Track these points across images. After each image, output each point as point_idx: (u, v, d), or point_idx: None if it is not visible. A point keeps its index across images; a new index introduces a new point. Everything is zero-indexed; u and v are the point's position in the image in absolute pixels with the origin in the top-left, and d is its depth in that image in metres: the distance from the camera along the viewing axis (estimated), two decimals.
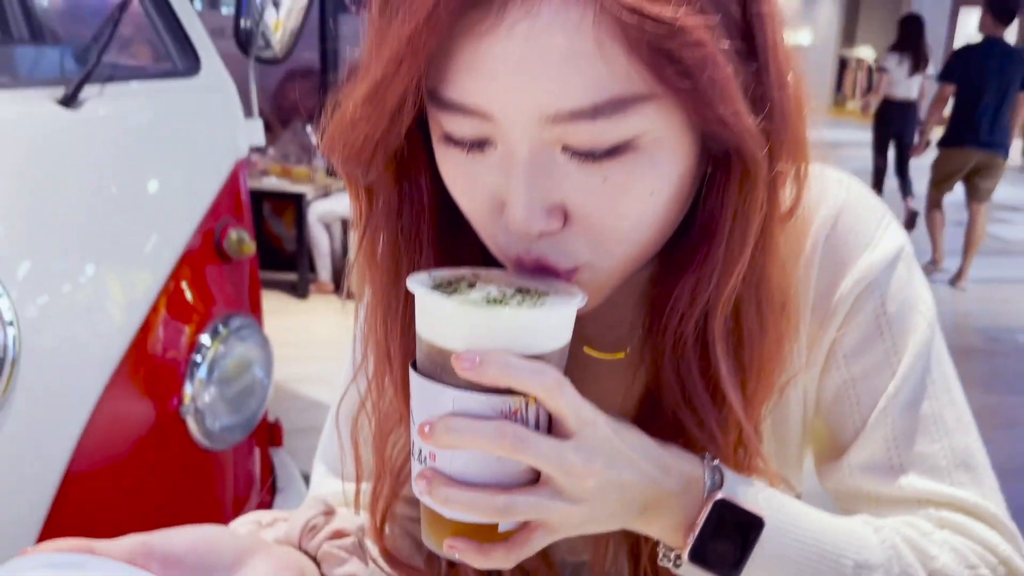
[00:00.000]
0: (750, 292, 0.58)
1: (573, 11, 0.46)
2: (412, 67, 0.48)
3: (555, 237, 0.53)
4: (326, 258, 5.30)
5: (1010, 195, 9.77)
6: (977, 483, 0.64)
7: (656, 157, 0.51)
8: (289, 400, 3.58)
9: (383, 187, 0.59)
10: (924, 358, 0.65)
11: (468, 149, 0.53)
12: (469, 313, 0.50)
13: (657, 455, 0.55)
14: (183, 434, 1.71)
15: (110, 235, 1.67)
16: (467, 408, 0.49)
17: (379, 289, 0.63)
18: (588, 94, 0.47)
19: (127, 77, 1.81)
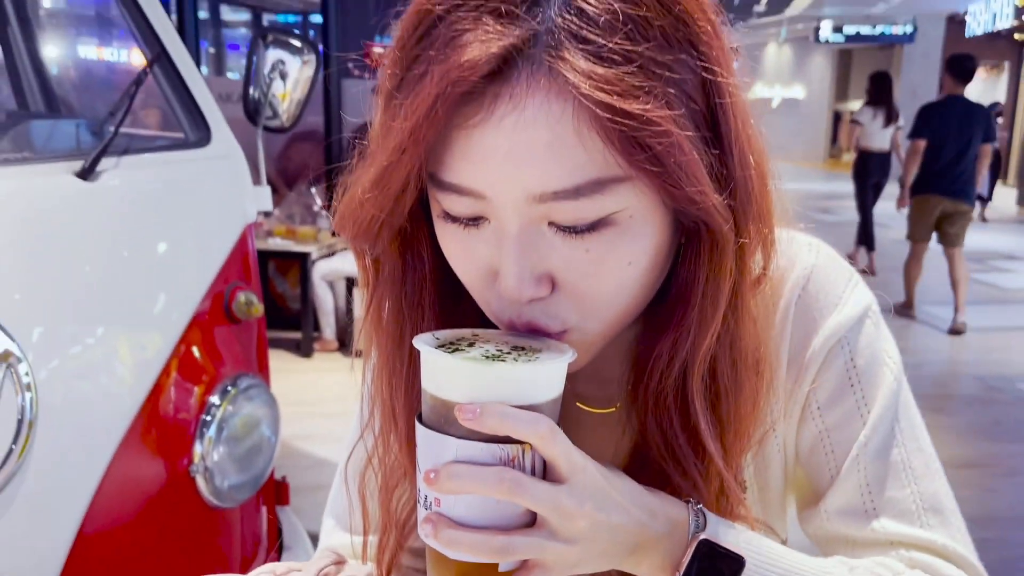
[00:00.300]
0: (724, 351, 0.63)
1: (555, 105, 0.52)
2: (413, 155, 0.55)
3: (544, 302, 0.58)
4: (330, 316, 5.35)
5: (1007, 244, 9.86)
6: (945, 525, 0.68)
7: (632, 231, 0.56)
8: (294, 458, 3.60)
9: (388, 259, 0.66)
10: (892, 408, 0.69)
11: (465, 225, 0.58)
12: (470, 368, 0.55)
13: (645, 500, 0.59)
14: (192, 493, 1.75)
15: (123, 300, 1.73)
16: (469, 456, 0.54)
17: (384, 351, 0.69)
18: (570, 177, 0.53)
19: (142, 149, 1.89)
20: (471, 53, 0.52)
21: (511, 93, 0.52)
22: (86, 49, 4.16)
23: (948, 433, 4.15)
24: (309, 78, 2.20)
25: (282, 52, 2.17)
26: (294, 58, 2.19)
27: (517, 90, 0.52)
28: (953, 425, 4.29)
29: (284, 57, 2.17)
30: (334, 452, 3.82)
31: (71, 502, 1.55)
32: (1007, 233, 10.67)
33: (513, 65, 0.52)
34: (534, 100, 0.52)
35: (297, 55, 2.18)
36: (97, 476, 1.58)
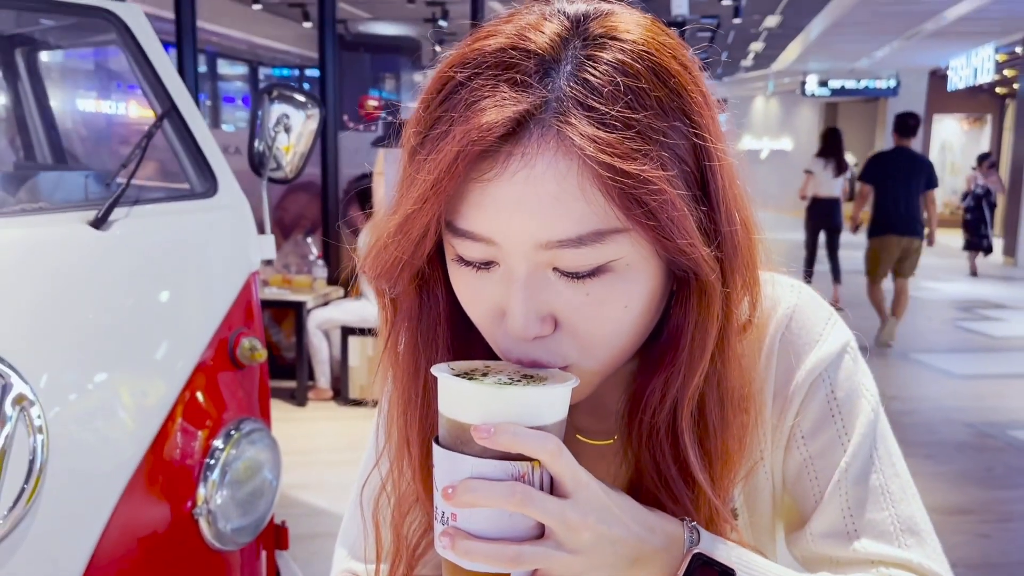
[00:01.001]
0: (712, 391, 0.68)
1: (562, 163, 0.58)
2: (434, 205, 0.61)
3: (547, 340, 0.64)
4: (325, 365, 5.38)
5: (995, 293, 9.99)
6: (922, 545, 0.72)
7: (629, 277, 0.62)
8: (289, 507, 3.59)
9: (407, 297, 0.71)
10: (870, 436, 0.75)
11: (476, 268, 0.64)
12: (484, 392, 0.60)
13: (644, 516, 0.64)
14: (195, 535, 1.77)
15: (131, 346, 1.77)
16: (483, 472, 0.59)
17: (400, 384, 0.74)
18: (574, 227, 0.59)
19: (152, 200, 1.95)
20: (489, 116, 0.58)
21: (523, 152, 0.59)
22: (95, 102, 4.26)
23: (940, 480, 4.18)
24: (313, 131, 2.28)
25: (286, 106, 2.25)
26: (298, 112, 2.27)
27: (528, 149, 0.59)
28: (945, 472, 4.32)
29: (288, 111, 2.25)
30: (329, 501, 3.83)
31: (78, 544, 1.58)
32: (995, 283, 10.81)
33: (526, 127, 0.59)
34: (543, 158, 0.58)
35: (301, 109, 2.26)
36: (104, 518, 1.61)
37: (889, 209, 6.60)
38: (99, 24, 2.11)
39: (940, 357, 6.76)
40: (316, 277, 5.43)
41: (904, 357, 6.67)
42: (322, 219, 5.76)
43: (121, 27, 2.02)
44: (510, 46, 0.61)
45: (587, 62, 0.60)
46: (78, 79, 3.84)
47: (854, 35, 12.78)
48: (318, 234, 5.77)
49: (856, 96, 18.45)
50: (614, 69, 0.59)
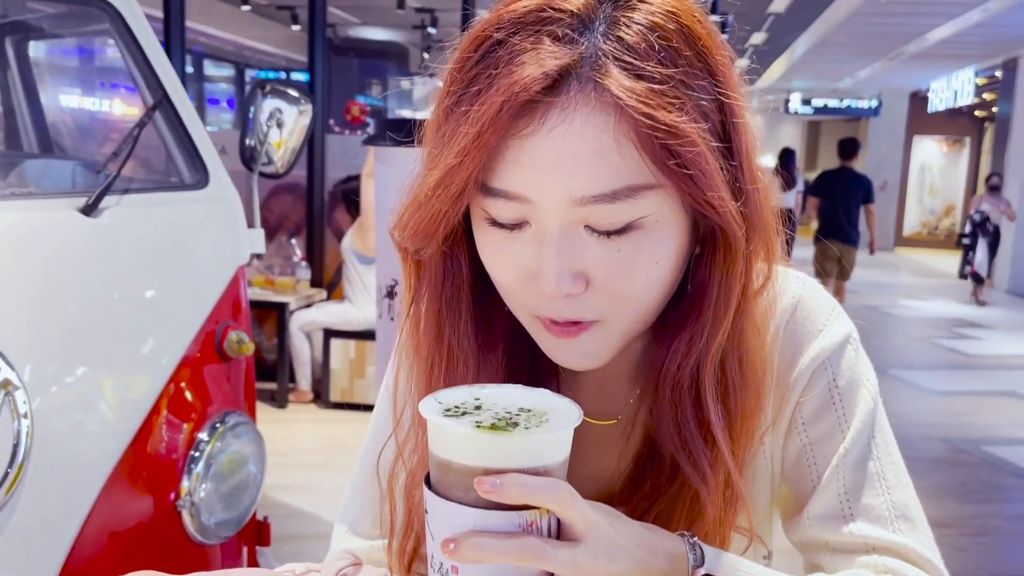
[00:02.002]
0: (732, 350, 0.70)
1: (599, 118, 0.60)
2: (476, 159, 0.61)
3: (578, 299, 0.64)
4: (306, 367, 5.35)
5: (972, 313, 10.11)
6: (914, 531, 0.74)
7: (659, 234, 0.63)
8: (269, 508, 3.56)
9: (431, 264, 0.72)
10: (869, 425, 0.76)
11: (508, 229, 0.65)
12: (485, 439, 0.56)
13: (645, 539, 0.64)
14: (178, 528, 1.75)
15: (117, 336, 1.76)
16: (489, 525, 0.55)
17: (423, 350, 0.74)
18: (608, 183, 0.60)
19: (143, 189, 1.94)
20: (531, 69, 0.59)
21: (562, 106, 0.60)
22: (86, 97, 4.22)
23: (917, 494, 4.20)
24: (305, 127, 2.27)
25: (279, 101, 2.25)
26: (291, 107, 2.26)
27: (567, 104, 0.60)
28: (921, 486, 4.31)
29: (281, 106, 2.25)
30: (309, 503, 3.82)
31: (58, 533, 1.56)
32: (971, 302, 10.93)
33: (565, 82, 0.60)
34: (581, 113, 0.60)
35: (294, 104, 2.26)
36: (85, 508, 1.59)
37: (830, 219, 7.63)
38: (92, 13, 2.10)
39: (917, 374, 6.82)
40: (299, 279, 5.41)
41: (883, 373, 6.70)
42: (307, 221, 5.74)
43: (115, 16, 2.01)
44: (547, 4, 0.62)
45: (620, 21, 0.61)
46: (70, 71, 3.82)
47: (838, 55, 12.94)
48: (302, 236, 5.75)
49: (838, 115, 18.67)
50: (646, 28, 0.61)
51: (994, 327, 9.26)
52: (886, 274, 13.63)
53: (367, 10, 11.87)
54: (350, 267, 5.21)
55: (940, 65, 13.54)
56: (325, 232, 5.75)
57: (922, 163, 17.70)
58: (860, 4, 9.23)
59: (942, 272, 14.06)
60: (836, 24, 10.57)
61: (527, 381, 0.76)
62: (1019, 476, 4.66)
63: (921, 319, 9.58)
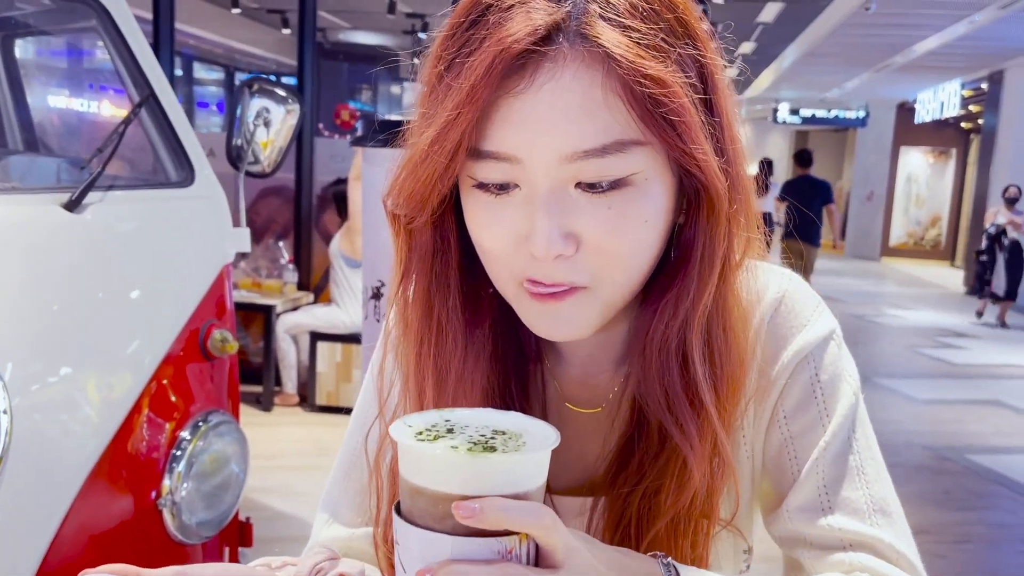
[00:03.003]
0: (717, 314, 0.71)
1: (587, 74, 0.61)
2: (470, 114, 0.62)
3: (570, 260, 0.64)
4: (292, 370, 5.33)
5: (955, 322, 10.18)
6: (892, 526, 0.74)
7: (648, 192, 0.64)
8: (253, 511, 3.54)
9: (422, 236, 0.72)
10: (850, 419, 0.76)
11: (496, 192, 0.65)
12: (461, 461, 0.54)
13: (622, 562, 0.63)
14: (159, 528, 1.74)
15: (99, 333, 1.74)
16: (466, 553, 0.53)
17: (414, 325, 0.74)
18: (598, 137, 0.61)
19: (128, 186, 1.93)
20: (520, 25, 0.61)
21: (551, 60, 0.61)
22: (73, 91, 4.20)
23: (900, 500, 4.22)
24: (292, 126, 2.27)
25: (267, 101, 2.25)
26: (278, 107, 2.26)
27: (556, 60, 0.61)
28: (904, 493, 4.32)
29: (269, 105, 2.24)
30: (293, 506, 3.79)
31: (36, 532, 1.54)
32: (955, 311, 11.01)
33: (553, 39, 0.62)
34: (570, 68, 0.61)
35: (281, 104, 2.26)
36: (64, 507, 1.58)
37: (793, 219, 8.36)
38: (79, 10, 2.10)
39: (902, 382, 6.86)
40: (286, 281, 5.39)
41: (867, 381, 6.75)
42: (294, 224, 5.72)
43: (102, 12, 2.01)
44: None
45: None
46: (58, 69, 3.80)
47: (825, 65, 13.03)
48: (290, 238, 5.74)
49: (826, 125, 18.78)
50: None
51: (979, 336, 9.33)
52: (872, 283, 13.72)
53: (357, 15, 11.87)
54: (337, 270, 5.20)
55: (927, 77, 13.65)
56: (313, 235, 5.73)
57: (908, 174, 17.82)
58: (848, 15, 9.30)
59: (928, 282, 14.16)
60: (824, 35, 10.65)
61: (512, 364, 0.76)
62: (1002, 484, 4.69)
63: (906, 328, 9.64)
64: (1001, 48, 10.82)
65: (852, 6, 8.93)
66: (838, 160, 21.06)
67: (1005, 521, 4.24)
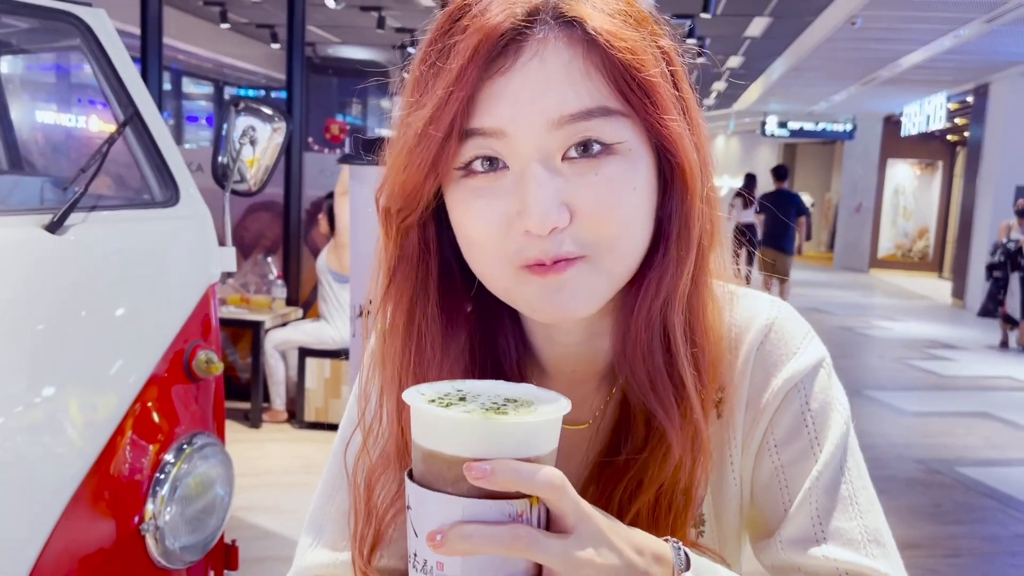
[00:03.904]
0: (697, 291, 0.73)
1: (568, 49, 0.65)
2: (460, 93, 0.64)
3: (564, 233, 0.65)
4: (281, 387, 5.29)
5: (944, 334, 10.21)
6: (887, 557, 0.73)
7: (633, 161, 0.66)
8: (241, 530, 3.51)
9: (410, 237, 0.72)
10: (842, 448, 0.75)
11: (484, 171, 0.66)
12: (475, 424, 0.54)
13: (632, 538, 0.62)
14: (141, 553, 1.72)
15: (82, 355, 1.72)
16: (478, 514, 0.53)
17: (398, 329, 0.74)
18: (582, 101, 0.64)
19: (112, 206, 1.91)
20: (501, 10, 0.65)
21: (534, 42, 0.65)
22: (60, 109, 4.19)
23: (890, 515, 4.15)
24: (279, 145, 2.26)
25: (253, 119, 2.24)
26: (264, 125, 2.25)
27: (538, 39, 0.65)
28: (895, 507, 4.37)
29: (255, 124, 2.23)
30: (281, 524, 3.75)
31: (17, 558, 1.52)
32: (944, 323, 11.06)
33: (534, 20, 0.65)
34: (550, 46, 0.64)
35: (268, 122, 2.24)
36: (45, 533, 1.55)
37: (768, 230, 9.88)
38: (63, 28, 2.08)
39: (892, 394, 6.87)
40: (275, 297, 5.36)
41: (857, 394, 6.77)
42: (283, 239, 5.70)
43: (86, 31, 2.00)
44: None
45: None
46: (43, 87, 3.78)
47: (813, 79, 13.11)
48: (278, 254, 5.71)
49: (814, 138, 18.88)
50: None
51: (968, 348, 9.35)
52: (861, 295, 13.77)
53: (347, 29, 11.89)
54: (325, 286, 5.18)
55: (913, 90, 13.75)
56: (301, 250, 5.72)
57: (896, 186, 17.93)
58: (834, 30, 9.38)
59: (916, 293, 14.22)
60: (811, 49, 10.72)
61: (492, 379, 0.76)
62: (993, 497, 4.69)
63: (895, 340, 9.66)
64: (986, 62, 10.92)
65: (838, 20, 9.00)
66: (826, 173, 21.16)
67: (996, 534, 4.24)
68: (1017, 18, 8.22)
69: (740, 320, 0.77)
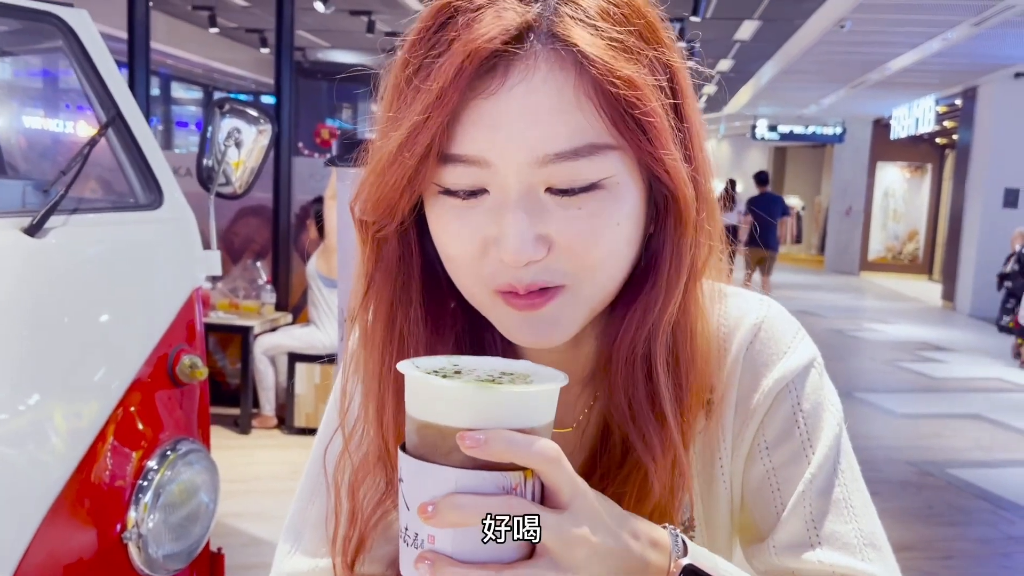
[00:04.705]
0: (683, 322, 0.70)
1: (559, 75, 0.60)
2: (439, 117, 0.60)
3: (541, 264, 0.62)
4: (270, 392, 5.25)
5: (935, 336, 10.24)
6: (883, 561, 0.71)
7: (619, 195, 0.63)
8: (228, 536, 3.47)
9: (388, 246, 0.70)
10: (835, 450, 0.74)
11: (464, 198, 0.63)
12: (470, 393, 0.53)
13: (628, 522, 0.61)
14: (124, 562, 1.68)
15: (62, 360, 1.69)
16: (470, 486, 0.52)
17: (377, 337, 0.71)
18: (570, 140, 0.60)
19: (93, 209, 1.88)
20: (491, 25, 0.60)
21: (523, 61, 0.60)
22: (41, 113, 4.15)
23: (883, 517, 4.17)
24: (264, 147, 2.24)
25: (238, 121, 2.21)
26: (250, 127, 2.23)
27: (528, 61, 0.60)
28: (887, 509, 4.34)
29: (240, 126, 2.21)
30: (270, 531, 3.72)
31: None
32: (935, 325, 11.09)
33: (524, 39, 0.60)
34: (541, 70, 0.60)
35: (253, 124, 2.22)
36: (24, 542, 1.52)
37: (754, 230, 10.44)
38: (45, 30, 2.05)
39: (882, 396, 6.87)
40: (264, 302, 5.33)
41: (848, 396, 6.77)
42: (272, 244, 5.67)
43: (68, 33, 1.97)
44: None
45: None
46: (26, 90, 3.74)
47: (802, 82, 13.15)
48: (268, 259, 5.68)
49: (804, 141, 18.93)
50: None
51: (959, 350, 9.37)
52: (851, 298, 13.80)
53: (336, 34, 11.87)
54: (315, 290, 5.15)
55: (902, 93, 13.80)
56: (291, 255, 5.68)
57: (886, 189, 17.98)
58: (823, 33, 9.40)
59: (906, 296, 14.26)
60: (800, 52, 10.75)
61: None
62: (984, 499, 4.69)
63: (886, 342, 9.68)
64: (974, 65, 10.96)
65: (827, 24, 9.02)
66: (816, 176, 21.22)
67: (988, 536, 4.23)
68: (1004, 21, 8.25)
69: (729, 320, 0.75)
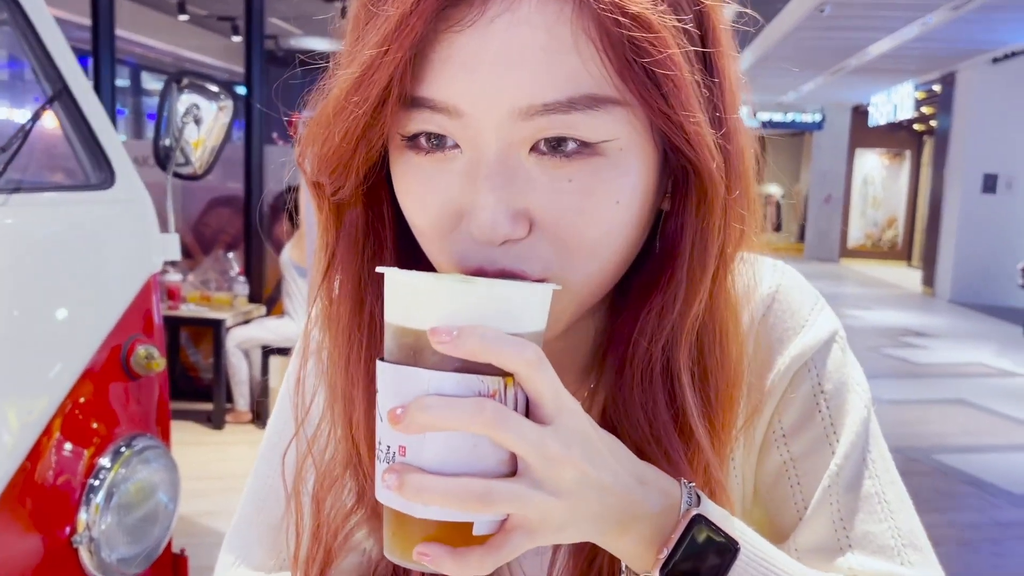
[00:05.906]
0: (711, 322, 0.57)
1: (552, 6, 0.47)
2: (400, 51, 0.48)
3: (519, 245, 0.51)
4: (244, 386, 5.12)
5: (918, 322, 10.26)
6: (926, 563, 0.62)
7: (622, 166, 0.50)
8: (199, 536, 3.35)
9: (352, 214, 0.58)
10: (863, 437, 0.63)
11: (431, 152, 0.51)
12: (445, 288, 0.47)
13: (636, 466, 0.51)
14: (74, 567, 1.56)
15: (7, 349, 1.57)
16: (443, 389, 0.46)
17: (343, 320, 0.60)
18: (563, 88, 0.48)
19: (37, 188, 1.75)
20: None
21: None
22: None
23: None
24: (225, 124, 2.11)
25: (197, 97, 2.08)
26: (210, 104, 2.10)
27: None
28: None
29: (199, 102, 2.08)
30: None
31: None
32: (916, 311, 11.11)
33: None
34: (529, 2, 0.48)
35: (213, 100, 2.09)
36: None
37: None
38: None
39: (872, 384, 6.84)
40: (237, 294, 5.19)
41: None
42: (244, 234, 5.53)
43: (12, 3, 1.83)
44: None
45: None
46: None
47: (781, 69, 13.12)
48: (240, 250, 5.54)
49: (783, 129, 18.95)
50: None
51: (940, 336, 9.39)
52: (832, 285, 13.81)
53: (309, 20, 11.68)
54: (289, 281, 5.02)
55: (880, 79, 13.81)
56: (264, 246, 5.54)
57: (864, 176, 18.04)
58: (803, 18, 9.35)
59: (887, 282, 14.31)
60: (779, 38, 10.70)
61: None
62: (971, 484, 4.65)
63: (868, 329, 9.67)
64: (953, 50, 10.96)
65: (807, 9, 8.97)
66: (795, 164, 21.26)
67: (976, 521, 4.19)
68: (983, 5, 8.23)
69: (739, 290, 0.64)
